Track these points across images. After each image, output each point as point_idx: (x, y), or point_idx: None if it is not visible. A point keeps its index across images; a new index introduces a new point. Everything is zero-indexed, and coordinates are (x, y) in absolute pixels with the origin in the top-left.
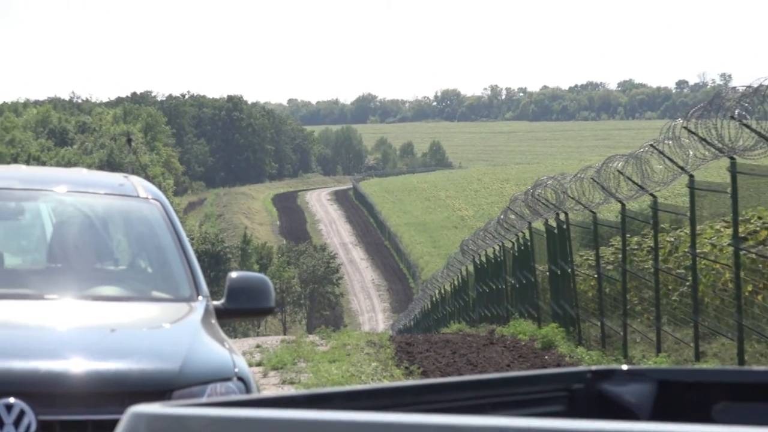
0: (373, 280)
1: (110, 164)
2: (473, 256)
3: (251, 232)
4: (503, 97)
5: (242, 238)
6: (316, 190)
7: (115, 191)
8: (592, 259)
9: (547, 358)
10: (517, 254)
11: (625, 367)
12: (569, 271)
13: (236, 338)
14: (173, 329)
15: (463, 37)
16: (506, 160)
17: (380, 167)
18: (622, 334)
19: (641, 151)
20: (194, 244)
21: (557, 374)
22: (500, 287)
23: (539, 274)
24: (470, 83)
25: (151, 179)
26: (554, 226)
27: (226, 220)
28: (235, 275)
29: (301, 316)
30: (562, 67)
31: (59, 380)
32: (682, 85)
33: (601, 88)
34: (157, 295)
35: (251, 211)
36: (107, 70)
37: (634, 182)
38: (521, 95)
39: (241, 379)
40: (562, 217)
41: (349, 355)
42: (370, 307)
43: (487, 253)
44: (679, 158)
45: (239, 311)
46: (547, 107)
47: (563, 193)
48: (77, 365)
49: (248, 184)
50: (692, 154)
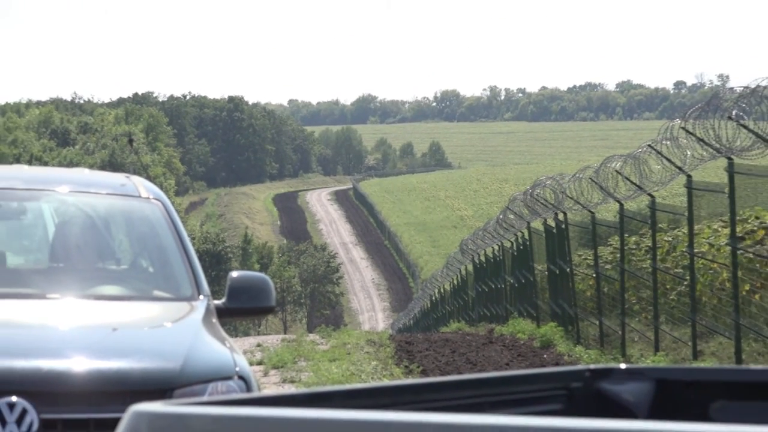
0: (373, 279)
1: (112, 164)
2: (472, 255)
3: (252, 231)
4: (502, 97)
5: (243, 237)
6: (316, 190)
7: (116, 191)
8: (590, 258)
9: (545, 356)
10: (516, 254)
11: (623, 365)
12: (568, 270)
13: (237, 337)
14: (174, 328)
15: (462, 38)
16: (505, 160)
17: (380, 167)
18: (620, 333)
19: (639, 151)
20: (195, 243)
21: (556, 373)
22: (499, 286)
23: (538, 273)
24: (469, 84)
25: (152, 179)
26: (553, 225)
27: (227, 219)
28: (235, 275)
29: (301, 315)
30: (560, 68)
31: (61, 379)
32: (680, 85)
33: (599, 88)
34: (158, 294)
35: (252, 211)
36: (109, 70)
37: (632, 182)
38: (520, 96)
39: (242, 377)
40: (560, 216)
41: (349, 354)
42: (370, 306)
43: (486, 252)
44: (677, 158)
45: (240, 310)
46: (545, 108)
47: (562, 193)
48: (79, 364)
49: (249, 184)
50: (690, 154)
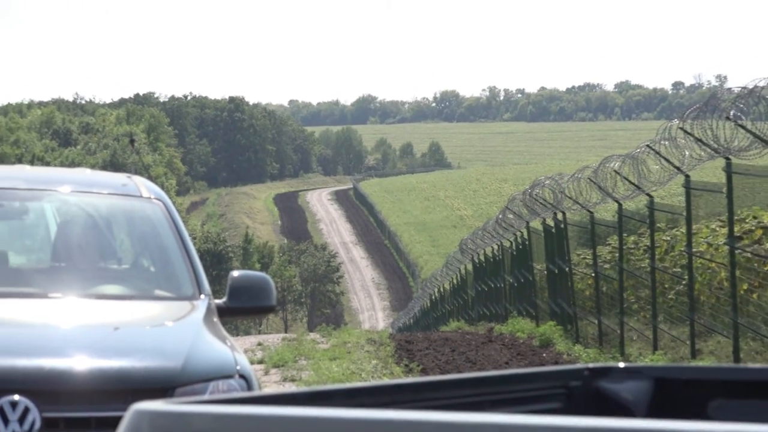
0: (373, 278)
1: (113, 164)
2: (472, 255)
3: (253, 231)
4: (501, 98)
5: (244, 237)
6: (316, 190)
7: (118, 191)
8: (589, 258)
9: (545, 355)
10: (515, 253)
11: (621, 364)
12: (567, 269)
13: (238, 336)
14: (176, 327)
15: (461, 38)
16: (504, 160)
17: (380, 167)
18: (619, 332)
19: (638, 151)
20: (196, 243)
21: (555, 372)
22: (499, 286)
23: (537, 272)
24: (469, 84)
25: (153, 179)
26: (552, 225)
27: (227, 219)
28: (236, 274)
29: (302, 314)
30: (559, 68)
31: (63, 378)
32: (678, 86)
33: (598, 89)
34: (159, 293)
35: (253, 210)
36: (110, 71)
37: (630, 182)
38: (519, 96)
39: (242, 376)
40: (559, 216)
41: (349, 352)
42: (370, 305)
43: (485, 252)
44: (675, 158)
45: (241, 309)
46: (544, 108)
47: (561, 192)
48: (81, 363)
49: (250, 184)
50: (688, 154)
